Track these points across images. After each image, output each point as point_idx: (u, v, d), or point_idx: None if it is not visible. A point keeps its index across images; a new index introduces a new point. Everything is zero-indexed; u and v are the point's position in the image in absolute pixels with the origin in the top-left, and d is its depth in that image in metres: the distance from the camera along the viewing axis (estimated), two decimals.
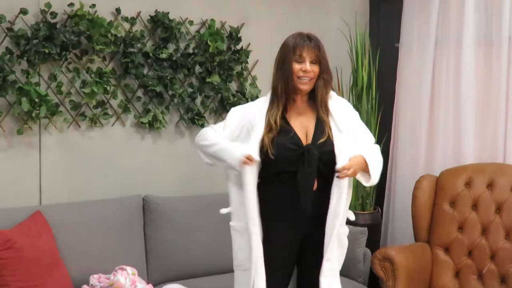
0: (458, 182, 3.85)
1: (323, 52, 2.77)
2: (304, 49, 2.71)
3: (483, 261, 3.71)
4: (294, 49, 2.72)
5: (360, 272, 3.88)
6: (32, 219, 3.19)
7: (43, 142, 3.54)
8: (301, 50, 2.71)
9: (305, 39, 2.75)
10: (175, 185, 3.95)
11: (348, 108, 2.89)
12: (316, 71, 2.74)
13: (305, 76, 2.71)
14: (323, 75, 2.76)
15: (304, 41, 2.74)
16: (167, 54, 3.82)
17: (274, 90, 2.78)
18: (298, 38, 2.75)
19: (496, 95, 4.01)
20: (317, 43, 2.76)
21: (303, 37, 2.75)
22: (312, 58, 2.73)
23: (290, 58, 2.72)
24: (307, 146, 2.70)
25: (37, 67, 3.45)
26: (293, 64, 2.71)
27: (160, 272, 3.60)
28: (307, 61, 2.71)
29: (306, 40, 2.74)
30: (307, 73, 2.71)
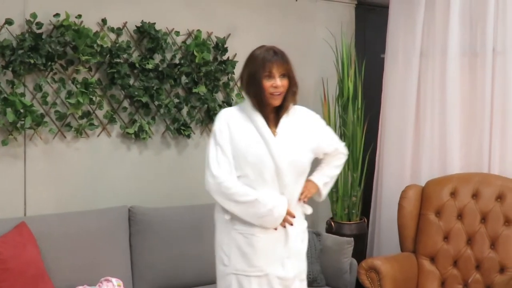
0: (444, 192, 3.87)
1: (290, 65, 2.81)
2: (273, 65, 2.74)
3: (469, 270, 3.73)
4: (264, 66, 2.73)
5: (346, 282, 3.89)
6: (17, 230, 3.16)
7: (28, 153, 3.52)
8: (271, 66, 2.73)
9: (272, 54, 2.77)
10: (161, 196, 3.94)
11: (309, 118, 2.96)
12: (286, 85, 2.78)
13: (276, 92, 2.75)
14: (292, 88, 2.81)
15: (272, 56, 2.75)
16: (153, 65, 3.82)
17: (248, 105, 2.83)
18: (266, 53, 2.77)
19: (481, 105, 4.04)
20: (284, 57, 2.80)
21: (270, 52, 2.77)
22: (281, 73, 2.76)
23: (260, 74, 2.74)
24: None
25: (22, 78, 3.44)
26: (264, 81, 2.73)
27: (146, 283, 3.58)
28: (277, 77, 2.74)
29: (274, 55, 2.76)
30: (277, 88, 2.74)
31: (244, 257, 2.77)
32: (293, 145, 2.80)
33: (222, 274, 2.81)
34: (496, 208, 3.73)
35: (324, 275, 3.89)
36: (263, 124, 2.78)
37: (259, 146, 2.75)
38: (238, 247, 2.78)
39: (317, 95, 4.66)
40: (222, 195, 2.73)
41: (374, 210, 4.56)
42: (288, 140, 2.80)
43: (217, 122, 2.83)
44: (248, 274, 2.77)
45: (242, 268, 2.77)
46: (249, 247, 2.76)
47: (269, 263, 2.77)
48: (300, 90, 4.58)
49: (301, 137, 2.85)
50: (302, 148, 2.84)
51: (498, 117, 3.97)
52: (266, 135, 2.76)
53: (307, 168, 2.87)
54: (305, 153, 2.85)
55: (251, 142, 2.76)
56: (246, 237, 2.77)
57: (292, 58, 4.55)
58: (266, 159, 2.73)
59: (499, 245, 3.67)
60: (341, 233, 4.30)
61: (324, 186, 2.99)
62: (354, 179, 4.43)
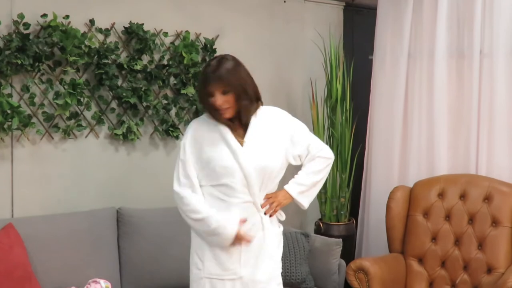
0: (432, 193, 3.89)
1: (232, 80, 2.69)
2: (210, 85, 2.68)
3: (456, 271, 3.74)
4: (204, 85, 2.71)
5: (335, 283, 3.89)
6: (4, 232, 3.14)
7: (15, 154, 3.50)
8: (208, 86, 2.68)
9: (210, 72, 2.70)
10: (149, 197, 3.93)
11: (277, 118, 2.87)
12: (231, 100, 2.70)
13: (220, 108, 2.70)
14: (240, 101, 2.71)
15: (211, 75, 2.69)
16: (141, 66, 3.81)
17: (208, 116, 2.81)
18: (208, 69, 2.72)
19: (468, 107, 4.06)
20: (220, 74, 2.68)
21: (211, 69, 2.70)
22: (221, 90, 2.69)
23: (202, 93, 2.73)
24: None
25: (9, 78, 3.41)
26: (208, 99, 2.71)
27: (134, 284, 3.57)
28: (217, 95, 2.68)
29: (211, 73, 2.69)
30: (221, 105, 2.69)
31: (218, 261, 2.77)
32: (261, 151, 2.75)
33: (196, 277, 2.81)
34: (483, 209, 3.75)
35: (313, 276, 3.90)
36: (228, 134, 2.75)
37: (227, 157, 2.73)
38: (211, 251, 2.78)
39: (306, 96, 4.67)
40: (181, 210, 2.78)
41: (362, 211, 4.57)
42: (256, 147, 2.75)
43: (185, 135, 2.84)
44: (222, 278, 2.77)
45: (215, 272, 2.77)
46: (223, 251, 2.76)
47: (243, 267, 2.77)
48: (289, 91, 4.66)
49: (271, 142, 2.79)
50: (272, 153, 2.78)
51: (485, 118, 4.00)
52: (233, 145, 2.73)
53: (278, 173, 2.81)
54: (276, 158, 2.78)
55: (219, 153, 2.75)
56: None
57: (280, 59, 4.61)
58: (234, 170, 2.71)
59: (487, 245, 3.69)
60: (330, 234, 4.31)
61: (300, 195, 2.86)
62: (343, 180, 4.44)
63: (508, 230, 3.68)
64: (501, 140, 3.95)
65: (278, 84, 4.60)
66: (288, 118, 2.88)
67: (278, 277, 2.88)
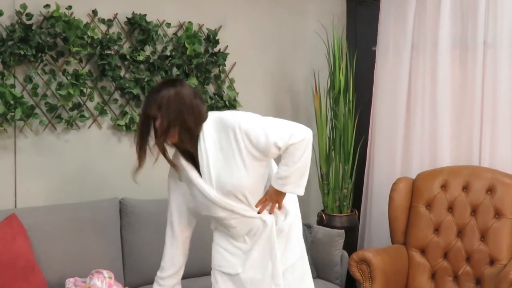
0: (434, 185, 3.88)
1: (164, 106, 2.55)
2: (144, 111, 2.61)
3: (459, 263, 3.75)
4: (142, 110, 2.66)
5: (337, 275, 3.90)
6: (7, 222, 3.15)
7: (18, 144, 3.50)
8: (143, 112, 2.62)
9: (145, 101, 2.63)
10: (152, 188, 3.92)
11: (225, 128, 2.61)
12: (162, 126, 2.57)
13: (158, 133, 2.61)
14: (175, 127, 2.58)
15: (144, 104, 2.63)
16: (144, 57, 3.80)
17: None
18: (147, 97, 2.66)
19: (471, 98, 4.05)
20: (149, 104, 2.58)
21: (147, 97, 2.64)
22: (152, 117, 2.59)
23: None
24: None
25: (12, 69, 3.41)
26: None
27: (137, 275, 3.58)
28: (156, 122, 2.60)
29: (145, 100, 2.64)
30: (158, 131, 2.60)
31: (222, 254, 2.81)
32: (222, 175, 2.60)
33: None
34: (486, 201, 3.75)
35: (315, 267, 3.90)
36: (190, 170, 2.67)
37: (199, 195, 2.68)
38: (217, 243, 2.83)
39: (308, 87, 4.66)
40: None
41: (365, 203, 4.57)
42: (215, 172, 2.60)
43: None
44: (223, 271, 2.80)
45: (218, 264, 2.82)
46: (229, 246, 2.79)
47: (243, 264, 2.77)
48: (291, 82, 4.66)
49: (228, 158, 2.59)
50: (234, 169, 2.58)
51: (488, 109, 3.99)
52: (196, 181, 2.65)
53: (253, 183, 2.63)
54: (241, 172, 2.58)
55: (189, 197, 2.75)
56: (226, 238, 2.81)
57: (283, 50, 4.60)
58: (209, 204, 2.66)
59: (489, 237, 3.69)
60: (332, 225, 4.31)
61: (285, 187, 2.65)
62: (345, 171, 4.43)
63: (511, 222, 3.68)
64: (505, 132, 3.94)
65: (280, 75, 4.59)
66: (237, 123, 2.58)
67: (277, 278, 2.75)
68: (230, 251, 2.79)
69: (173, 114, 2.55)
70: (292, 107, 4.67)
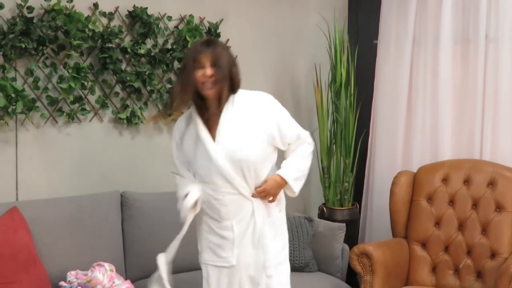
0: (435, 178, 3.88)
1: (222, 55, 2.68)
2: (202, 55, 2.66)
3: (460, 256, 3.75)
4: (194, 57, 2.67)
5: (338, 268, 3.90)
6: (9, 215, 3.15)
7: (20, 138, 3.50)
8: (200, 56, 2.66)
9: (203, 45, 2.70)
10: (153, 181, 3.94)
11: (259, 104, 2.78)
12: (218, 75, 2.66)
13: (207, 81, 2.65)
14: (225, 79, 2.67)
15: (202, 47, 2.69)
16: (145, 50, 3.80)
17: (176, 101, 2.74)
18: (197, 45, 2.72)
19: (472, 92, 4.05)
20: (214, 47, 2.69)
21: (202, 44, 2.71)
22: (211, 62, 2.66)
23: (190, 65, 2.67)
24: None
25: (13, 62, 3.41)
26: (195, 71, 2.66)
27: (138, 268, 3.58)
28: (207, 66, 2.65)
29: (204, 45, 2.69)
30: (208, 78, 2.65)
31: (211, 248, 2.82)
32: (235, 144, 2.68)
33: (200, 261, 2.90)
34: (487, 194, 3.75)
35: (316, 260, 3.91)
36: (202, 129, 2.72)
37: (201, 156, 2.72)
38: (206, 238, 2.84)
39: (310, 81, 4.66)
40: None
41: (366, 196, 4.57)
42: (230, 139, 2.69)
43: (172, 135, 2.90)
44: (215, 264, 2.82)
45: (210, 259, 2.83)
46: (216, 238, 2.80)
47: (236, 255, 2.78)
48: (293, 76, 4.65)
49: (249, 131, 2.70)
50: (249, 144, 2.68)
51: (490, 103, 3.98)
52: (205, 141, 2.70)
53: (261, 163, 2.72)
54: (254, 149, 2.69)
55: (194, 153, 2.76)
56: (213, 229, 2.81)
57: (285, 43, 4.59)
58: (210, 167, 2.70)
59: (490, 231, 3.69)
60: (333, 218, 4.32)
61: (295, 181, 2.79)
62: (347, 165, 4.43)
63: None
64: (506, 126, 3.94)
65: (282, 68, 4.58)
66: (272, 104, 2.79)
67: (270, 268, 2.80)
68: (219, 244, 2.80)
69: (226, 66, 2.67)
70: (294, 100, 4.67)
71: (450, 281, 3.75)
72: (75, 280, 3.14)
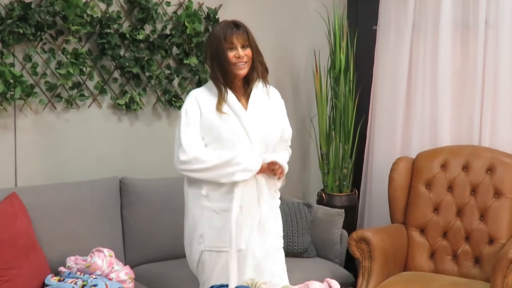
0: (434, 164, 3.89)
1: (252, 36, 2.88)
2: (233, 36, 2.81)
3: (458, 242, 3.76)
4: (225, 38, 2.81)
5: (337, 253, 3.92)
6: (8, 201, 3.16)
7: (18, 123, 3.50)
8: (231, 37, 2.81)
9: (232, 26, 2.84)
10: (152, 167, 3.94)
11: (276, 95, 3.03)
12: (249, 55, 2.85)
13: (240, 62, 2.81)
14: (258, 58, 2.89)
15: (232, 29, 2.83)
16: (144, 35, 3.78)
17: (215, 80, 2.87)
18: (226, 27, 2.84)
19: (472, 78, 4.04)
20: (244, 28, 2.86)
21: (230, 25, 2.85)
22: (242, 43, 2.82)
23: (222, 47, 2.80)
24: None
25: (11, 48, 3.40)
26: (227, 52, 2.80)
27: (137, 253, 3.60)
28: (239, 47, 2.81)
29: (234, 27, 2.84)
30: (240, 58, 2.81)
31: (216, 233, 2.83)
32: (264, 119, 2.86)
33: (197, 251, 2.89)
34: (486, 180, 3.76)
35: (315, 246, 3.92)
36: (233, 99, 2.83)
37: (232, 121, 2.80)
38: (210, 224, 2.84)
39: (309, 67, 4.65)
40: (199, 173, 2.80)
41: (365, 182, 4.57)
42: (260, 113, 2.86)
43: (186, 101, 2.90)
44: (219, 250, 2.83)
45: (214, 244, 2.84)
46: (222, 223, 2.81)
47: (241, 241, 2.81)
48: (292, 62, 4.64)
49: (271, 112, 2.92)
50: (273, 123, 2.90)
51: (489, 89, 3.97)
52: (238, 109, 2.82)
53: (276, 145, 2.92)
54: (276, 128, 2.91)
55: (223, 118, 2.80)
56: (218, 213, 2.82)
57: (284, 29, 4.58)
58: (240, 134, 2.79)
59: (489, 217, 3.70)
60: (332, 204, 4.32)
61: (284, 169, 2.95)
62: (345, 151, 4.44)
63: (511, 202, 3.69)
64: (505, 112, 3.93)
65: (281, 54, 4.57)
66: (281, 100, 3.04)
67: (277, 252, 2.91)
68: (224, 229, 2.81)
69: (256, 47, 2.88)
70: (293, 86, 4.66)
71: (448, 266, 3.76)
72: (74, 265, 3.15)
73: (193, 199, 2.89)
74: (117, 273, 3.15)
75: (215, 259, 2.84)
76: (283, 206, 3.76)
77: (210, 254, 2.85)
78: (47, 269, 3.13)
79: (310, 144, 4.75)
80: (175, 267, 3.50)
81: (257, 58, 2.87)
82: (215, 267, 2.85)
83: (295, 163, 4.61)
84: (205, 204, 2.85)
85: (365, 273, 3.57)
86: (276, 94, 3.03)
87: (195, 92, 2.93)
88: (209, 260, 2.86)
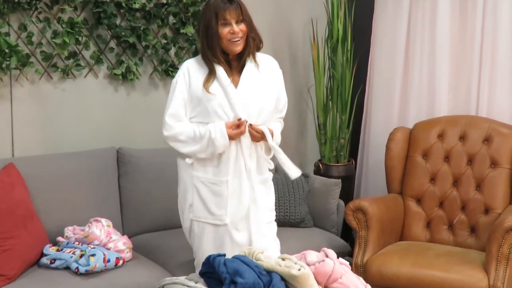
0: (431, 135, 3.89)
1: (246, 11, 2.84)
2: (226, 12, 2.76)
3: (454, 211, 3.78)
4: (217, 14, 2.76)
5: (334, 223, 3.94)
6: (5, 171, 3.15)
7: (15, 93, 3.48)
8: (224, 13, 2.76)
9: (225, 1, 2.78)
10: (149, 137, 3.93)
11: (272, 65, 3.00)
12: (244, 30, 2.82)
13: (235, 37, 2.78)
14: (251, 33, 2.85)
15: (225, 4, 2.77)
16: (140, 4, 3.75)
17: (204, 57, 2.85)
18: (219, 1, 2.78)
19: (470, 48, 4.02)
20: (237, 3, 2.81)
21: (223, 0, 2.78)
22: (236, 19, 2.78)
23: (213, 24, 2.77)
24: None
25: (6, 17, 3.36)
26: (220, 28, 2.76)
27: (135, 223, 3.61)
28: (233, 23, 2.77)
29: (227, 2, 2.78)
30: (235, 34, 2.77)
31: (205, 205, 2.86)
32: (256, 93, 2.84)
33: (187, 218, 2.94)
34: (483, 151, 3.76)
35: (312, 216, 3.94)
36: (223, 74, 2.81)
37: (219, 98, 2.79)
38: (199, 195, 2.87)
39: (306, 36, 4.62)
40: (180, 145, 2.85)
41: (362, 152, 4.58)
42: (252, 88, 2.84)
43: (178, 72, 2.90)
44: (208, 222, 2.87)
45: (203, 215, 2.88)
46: (210, 195, 2.84)
47: (230, 213, 2.83)
48: (289, 31, 4.61)
49: (266, 85, 2.89)
50: (266, 96, 2.88)
51: (487, 59, 3.96)
52: (226, 85, 2.80)
53: (268, 118, 2.91)
54: (268, 103, 2.89)
55: (211, 92, 2.79)
56: (207, 185, 2.85)
57: None
58: (227, 110, 2.79)
59: (485, 186, 3.72)
60: (329, 175, 4.34)
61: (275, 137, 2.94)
62: (343, 121, 4.43)
63: (507, 172, 3.70)
64: (503, 82, 3.93)
65: (278, 24, 4.54)
66: (279, 69, 3.01)
67: (267, 226, 2.93)
68: (213, 201, 2.84)
69: (251, 21, 2.85)
70: (290, 56, 4.64)
71: (444, 236, 3.79)
72: (73, 235, 3.16)
73: (184, 168, 2.94)
74: (115, 242, 3.17)
75: (201, 230, 2.89)
76: (280, 176, 3.78)
77: (198, 224, 2.90)
78: (45, 239, 3.15)
79: (308, 114, 4.75)
80: (173, 236, 3.51)
81: (250, 34, 2.84)
82: (202, 238, 2.89)
83: (292, 133, 4.61)
84: (193, 173, 2.89)
85: (362, 243, 3.59)
86: (274, 64, 3.01)
87: (189, 62, 2.92)
88: (197, 229, 2.91)
